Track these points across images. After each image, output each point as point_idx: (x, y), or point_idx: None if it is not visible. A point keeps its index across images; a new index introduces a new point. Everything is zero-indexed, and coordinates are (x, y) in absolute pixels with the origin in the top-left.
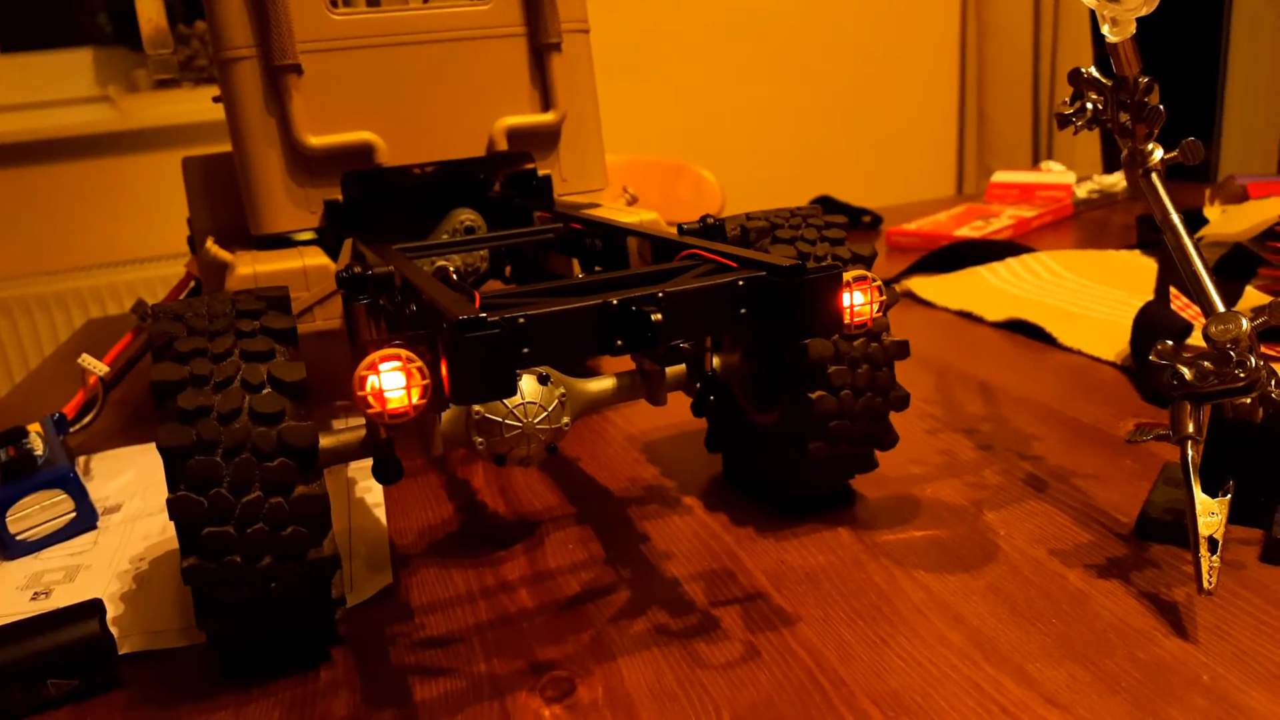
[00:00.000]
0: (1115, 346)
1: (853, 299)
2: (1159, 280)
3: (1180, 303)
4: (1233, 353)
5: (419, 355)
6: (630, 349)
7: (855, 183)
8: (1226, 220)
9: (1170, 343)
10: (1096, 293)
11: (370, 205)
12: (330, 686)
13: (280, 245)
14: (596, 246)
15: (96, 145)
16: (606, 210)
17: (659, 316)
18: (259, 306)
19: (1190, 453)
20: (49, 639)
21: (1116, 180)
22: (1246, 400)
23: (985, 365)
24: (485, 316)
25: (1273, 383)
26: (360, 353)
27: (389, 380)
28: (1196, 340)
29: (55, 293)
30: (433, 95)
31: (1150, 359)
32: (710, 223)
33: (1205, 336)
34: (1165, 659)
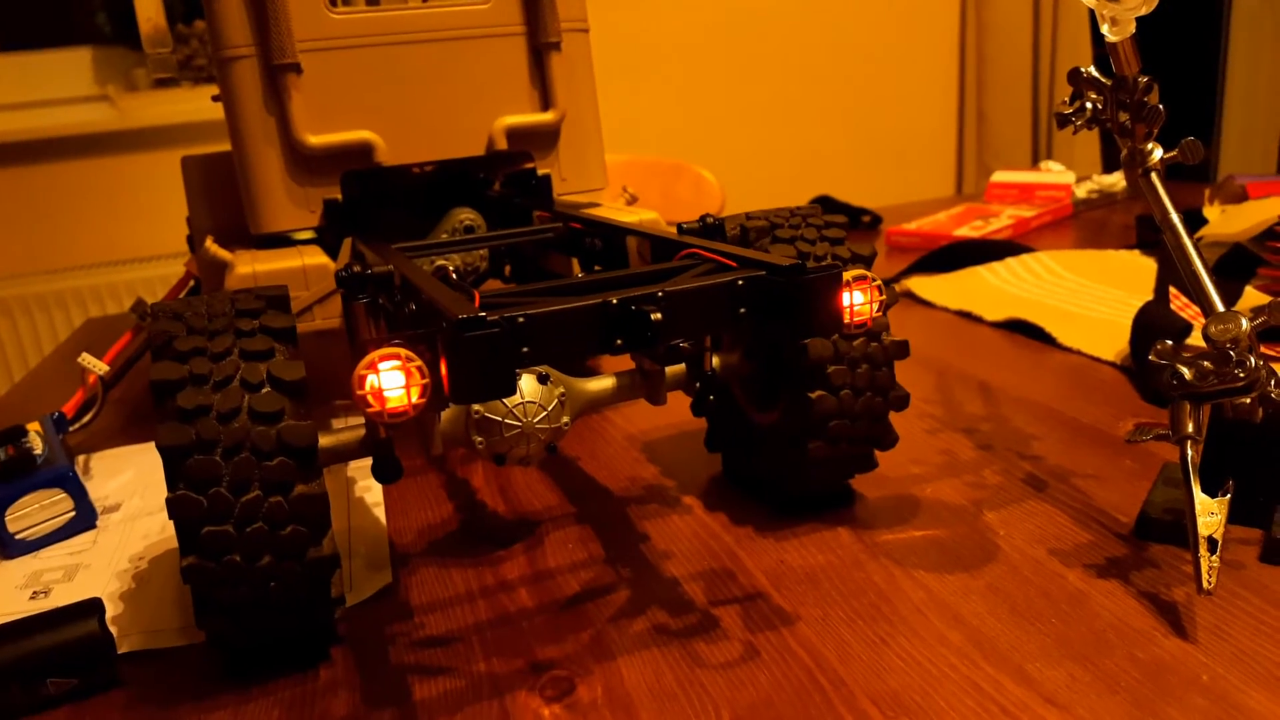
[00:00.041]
0: (1115, 346)
1: (852, 299)
2: (1158, 280)
3: (1180, 303)
4: (1232, 353)
5: (418, 354)
6: (630, 348)
7: (855, 182)
8: (1226, 220)
9: (1170, 342)
10: (1096, 293)
11: (370, 204)
12: (330, 686)
13: (279, 244)
14: (596, 246)
15: (96, 144)
16: (606, 210)
17: (659, 316)
18: (258, 306)
19: (1190, 453)
20: (48, 638)
21: (1116, 180)
22: (1246, 400)
23: (985, 365)
24: (485, 316)
25: (1272, 383)
26: (359, 352)
27: (388, 379)
28: (1196, 340)
29: (55, 292)
30: (432, 94)
31: (1150, 359)
32: (710, 222)
33: (1205, 336)
34: (1165, 659)
